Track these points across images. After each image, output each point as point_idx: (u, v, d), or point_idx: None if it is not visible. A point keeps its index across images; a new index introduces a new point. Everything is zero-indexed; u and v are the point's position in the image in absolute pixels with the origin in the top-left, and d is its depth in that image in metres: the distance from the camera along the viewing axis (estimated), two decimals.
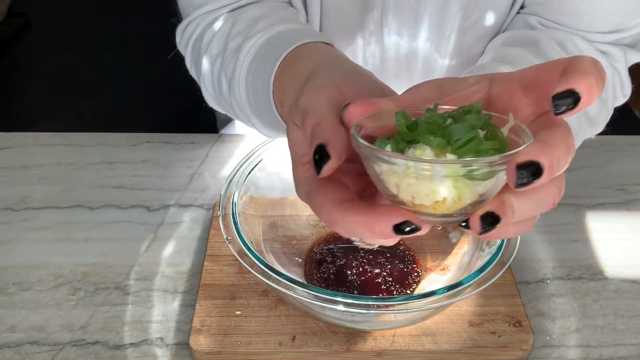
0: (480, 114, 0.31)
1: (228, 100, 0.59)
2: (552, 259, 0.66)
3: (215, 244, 0.64)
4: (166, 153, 0.81)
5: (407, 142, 0.31)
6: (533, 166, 0.28)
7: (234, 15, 0.60)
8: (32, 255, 0.66)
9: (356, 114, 0.33)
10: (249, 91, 0.55)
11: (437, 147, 0.29)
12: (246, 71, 0.55)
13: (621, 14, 0.58)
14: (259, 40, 0.54)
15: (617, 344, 0.58)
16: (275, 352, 0.55)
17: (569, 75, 0.29)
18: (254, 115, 0.57)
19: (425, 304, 0.47)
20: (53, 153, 0.81)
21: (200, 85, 0.64)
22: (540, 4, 0.60)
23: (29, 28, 2.74)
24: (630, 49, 0.60)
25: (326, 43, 0.51)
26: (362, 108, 0.33)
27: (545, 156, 0.28)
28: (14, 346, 0.56)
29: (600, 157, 0.81)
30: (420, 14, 0.65)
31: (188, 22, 0.64)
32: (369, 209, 0.31)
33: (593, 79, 0.29)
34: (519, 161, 0.28)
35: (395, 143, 0.31)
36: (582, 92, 0.29)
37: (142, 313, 0.60)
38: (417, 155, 0.30)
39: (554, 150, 0.28)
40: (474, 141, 0.29)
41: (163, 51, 0.70)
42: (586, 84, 0.29)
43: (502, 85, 0.33)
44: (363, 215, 0.31)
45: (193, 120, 1.74)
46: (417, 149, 0.30)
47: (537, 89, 0.32)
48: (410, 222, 0.30)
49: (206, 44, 0.60)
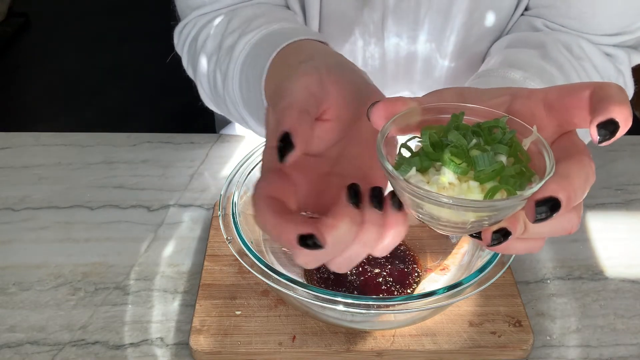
0: (506, 130, 0.31)
1: (222, 97, 0.59)
2: (552, 259, 0.66)
3: (215, 244, 0.64)
4: (166, 153, 0.81)
5: (431, 159, 0.31)
6: (551, 201, 0.28)
7: (229, 15, 0.60)
8: (32, 255, 0.66)
9: (382, 114, 0.33)
10: (242, 87, 0.55)
11: (462, 174, 0.30)
12: (240, 68, 0.55)
13: (625, 17, 0.58)
14: (253, 37, 0.54)
15: (617, 344, 0.58)
16: (275, 352, 0.55)
17: (606, 105, 0.30)
18: (247, 113, 0.57)
19: (425, 304, 0.47)
20: (53, 153, 0.81)
21: (196, 84, 0.64)
22: (546, 7, 0.60)
23: (29, 28, 2.74)
24: (633, 50, 0.60)
25: (320, 41, 0.51)
26: (388, 107, 0.33)
27: (564, 191, 0.29)
28: (14, 346, 0.56)
29: (600, 157, 0.81)
30: (420, 15, 0.65)
31: (185, 23, 0.64)
32: (285, 213, 0.31)
33: (627, 109, 0.30)
34: (538, 198, 0.28)
35: (420, 161, 0.31)
36: (621, 121, 0.30)
37: (142, 313, 0.60)
38: (441, 180, 0.30)
39: (572, 184, 0.29)
40: (497, 169, 0.30)
41: (163, 51, 0.70)
42: (624, 114, 0.29)
43: (525, 102, 0.33)
44: (276, 218, 0.31)
45: (193, 120, 1.73)
46: (440, 175, 0.30)
47: (561, 111, 0.32)
48: (315, 236, 0.30)
49: (202, 43, 0.60)
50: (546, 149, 0.31)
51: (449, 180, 0.30)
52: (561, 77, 0.53)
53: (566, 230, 0.32)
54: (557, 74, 0.53)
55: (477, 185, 0.30)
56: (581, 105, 0.31)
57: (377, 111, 0.33)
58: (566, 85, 0.32)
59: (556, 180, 0.29)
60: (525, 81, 0.50)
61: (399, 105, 0.33)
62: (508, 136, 0.31)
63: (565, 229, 0.32)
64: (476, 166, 0.30)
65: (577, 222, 0.32)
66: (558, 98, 0.32)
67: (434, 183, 0.30)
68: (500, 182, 0.30)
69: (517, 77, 0.51)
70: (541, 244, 0.33)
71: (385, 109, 0.33)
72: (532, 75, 0.51)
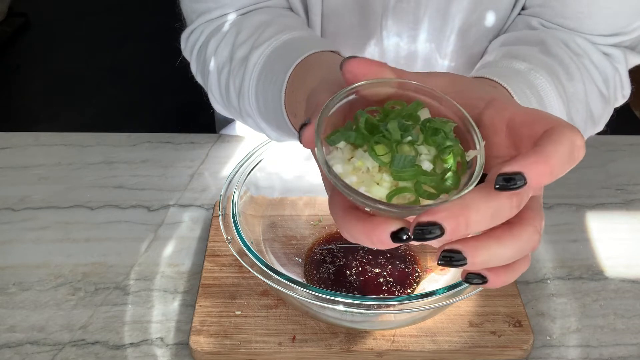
0: (448, 136, 0.31)
1: (237, 109, 0.60)
2: (552, 259, 0.66)
3: (215, 244, 0.64)
4: (166, 153, 0.81)
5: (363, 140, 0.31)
6: (434, 227, 0.28)
7: (237, 23, 0.60)
8: (32, 255, 0.66)
9: (355, 70, 0.33)
10: (259, 102, 0.56)
11: (381, 165, 0.30)
12: (255, 82, 0.55)
13: (621, 18, 0.58)
14: (266, 50, 0.55)
15: (617, 344, 0.58)
16: (275, 352, 0.55)
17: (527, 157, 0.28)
18: (265, 123, 0.57)
19: (425, 304, 0.47)
20: (53, 153, 0.81)
21: (207, 92, 0.64)
22: (542, 6, 0.60)
23: (29, 28, 2.74)
24: (630, 51, 0.60)
25: (332, 51, 0.51)
26: (362, 66, 0.33)
27: (451, 219, 0.28)
28: (14, 346, 0.56)
29: (600, 157, 0.81)
30: (420, 15, 0.65)
31: (192, 29, 0.64)
32: (369, 218, 0.30)
33: (548, 166, 0.28)
34: (421, 220, 0.28)
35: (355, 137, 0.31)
36: (531, 178, 0.28)
37: (142, 313, 0.60)
38: (358, 164, 0.30)
39: (467, 215, 0.28)
40: (410, 173, 0.29)
41: (163, 51, 0.70)
42: (539, 171, 0.28)
43: (493, 115, 0.33)
44: (362, 224, 0.30)
45: (193, 120, 1.73)
46: (358, 160, 0.30)
47: (515, 137, 0.32)
48: (406, 228, 0.30)
49: (212, 52, 0.60)
50: (474, 175, 0.30)
51: (367, 166, 0.30)
52: (562, 71, 0.53)
53: (525, 251, 0.31)
54: (559, 68, 0.53)
55: (389, 180, 0.30)
56: (532, 140, 0.30)
57: (351, 66, 0.33)
58: (533, 115, 0.32)
59: (451, 207, 0.28)
60: (530, 72, 0.50)
61: (374, 69, 0.33)
62: (446, 143, 0.31)
63: (524, 250, 0.31)
64: (391, 164, 0.30)
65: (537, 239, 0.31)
66: (519, 124, 0.32)
67: (356, 159, 0.31)
68: (415, 186, 0.30)
69: (522, 68, 0.51)
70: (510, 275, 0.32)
71: (359, 67, 0.33)
72: (537, 67, 0.51)
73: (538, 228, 0.31)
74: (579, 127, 0.31)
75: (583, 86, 0.55)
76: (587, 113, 0.55)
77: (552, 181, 0.29)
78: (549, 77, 0.51)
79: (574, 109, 0.53)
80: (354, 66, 0.33)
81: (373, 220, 0.30)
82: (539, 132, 0.30)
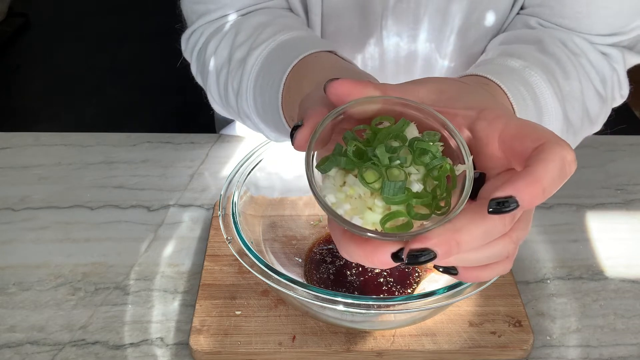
0: (436, 156, 0.31)
1: (236, 110, 0.60)
2: (552, 259, 0.66)
3: (215, 244, 0.64)
4: (166, 153, 0.81)
5: (353, 166, 0.31)
6: (426, 252, 0.28)
7: (236, 24, 0.60)
8: (32, 255, 0.66)
9: (339, 92, 0.33)
10: (257, 104, 0.56)
11: (372, 191, 0.30)
12: (253, 84, 0.55)
13: (620, 18, 0.58)
14: (263, 51, 0.55)
15: (617, 344, 0.58)
16: (275, 352, 0.55)
17: (518, 180, 0.28)
18: (263, 124, 0.57)
19: (425, 304, 0.47)
20: (53, 153, 0.81)
21: (206, 92, 0.65)
22: (541, 6, 0.60)
23: (29, 28, 2.74)
24: (628, 51, 0.60)
25: (330, 51, 0.51)
26: (346, 87, 0.33)
27: (443, 245, 0.28)
28: (14, 346, 0.56)
29: (600, 157, 0.81)
30: (420, 15, 0.65)
31: (192, 30, 0.64)
32: (368, 241, 0.31)
33: (540, 187, 0.28)
34: (413, 247, 0.29)
35: (345, 163, 0.31)
36: (524, 201, 0.28)
37: (142, 313, 0.60)
38: (349, 192, 0.31)
39: (458, 237, 0.28)
40: (401, 199, 0.30)
41: (163, 51, 0.70)
42: (531, 194, 0.28)
43: (485, 126, 0.33)
44: (362, 249, 0.31)
45: (193, 120, 1.74)
46: (350, 187, 0.31)
47: (507, 150, 0.32)
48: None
49: (211, 53, 0.61)
50: (464, 192, 0.30)
51: (359, 193, 0.31)
52: (558, 70, 0.53)
53: (498, 258, 0.31)
54: (555, 66, 0.53)
55: (382, 205, 0.30)
56: (523, 156, 0.30)
57: (334, 88, 0.33)
58: (523, 128, 0.32)
59: (443, 232, 0.29)
60: (525, 70, 0.50)
61: (358, 88, 0.33)
62: (434, 163, 0.31)
63: (497, 257, 0.31)
64: (382, 191, 0.30)
65: (512, 248, 0.31)
66: (510, 138, 0.32)
67: (347, 187, 0.31)
68: (407, 209, 0.30)
69: (517, 66, 0.51)
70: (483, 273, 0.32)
71: (343, 88, 0.33)
72: (532, 65, 0.51)
73: (514, 238, 0.31)
74: (575, 125, 0.31)
75: (579, 85, 0.55)
76: (584, 112, 0.55)
77: (545, 200, 0.29)
78: (544, 74, 0.51)
79: (570, 107, 0.53)
80: (337, 88, 0.33)
81: (372, 242, 0.30)
82: (530, 148, 0.30)
